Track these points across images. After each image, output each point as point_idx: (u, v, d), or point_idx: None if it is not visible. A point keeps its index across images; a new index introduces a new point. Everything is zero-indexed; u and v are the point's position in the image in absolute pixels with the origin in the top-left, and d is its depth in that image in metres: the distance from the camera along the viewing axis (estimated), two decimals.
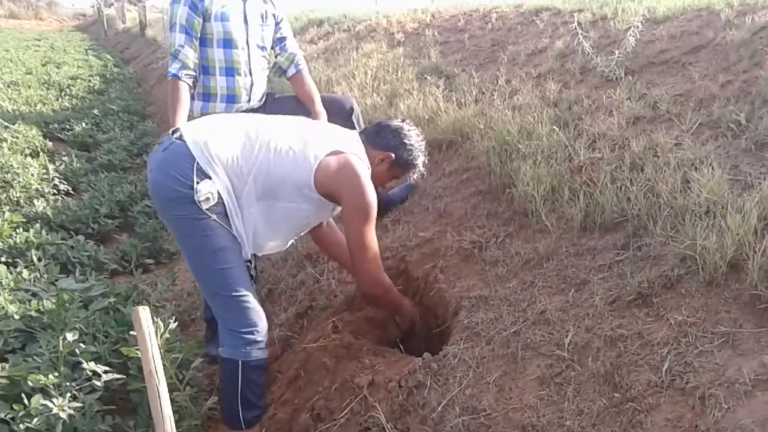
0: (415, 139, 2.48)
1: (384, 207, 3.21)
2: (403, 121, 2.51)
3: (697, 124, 2.74)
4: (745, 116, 2.64)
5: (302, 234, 2.53)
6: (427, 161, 2.60)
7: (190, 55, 2.76)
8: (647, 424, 1.74)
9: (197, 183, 2.05)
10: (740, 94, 2.84)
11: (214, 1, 2.78)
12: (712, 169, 2.36)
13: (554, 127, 3.03)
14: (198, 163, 2.08)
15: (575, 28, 3.92)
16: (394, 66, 5.06)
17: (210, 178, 2.09)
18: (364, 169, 2.27)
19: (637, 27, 3.58)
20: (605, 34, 4.06)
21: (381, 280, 2.39)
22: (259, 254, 2.43)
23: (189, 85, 2.75)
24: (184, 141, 2.12)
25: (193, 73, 2.77)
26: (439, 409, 2.09)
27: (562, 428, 1.86)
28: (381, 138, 2.44)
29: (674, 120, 2.86)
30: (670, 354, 1.88)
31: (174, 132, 2.19)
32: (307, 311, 3.00)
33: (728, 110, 2.72)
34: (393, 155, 2.42)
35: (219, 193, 2.10)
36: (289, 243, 2.47)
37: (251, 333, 2.15)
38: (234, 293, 2.14)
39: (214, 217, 2.10)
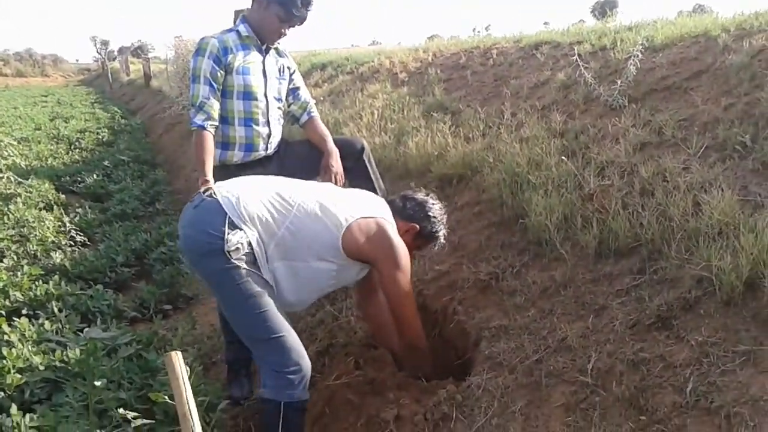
0: (438, 212, 2.62)
1: None
2: (427, 194, 2.65)
3: (703, 147, 2.79)
4: (750, 137, 2.70)
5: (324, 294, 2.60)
6: (447, 234, 2.72)
7: (215, 107, 2.84)
8: None
9: (227, 234, 2.11)
10: (743, 116, 2.90)
11: (237, 56, 2.89)
12: (722, 190, 2.40)
13: (563, 157, 3.09)
14: (230, 218, 2.15)
15: (576, 60, 4.02)
16: (399, 105, 5.15)
17: (241, 229, 2.15)
18: (392, 230, 2.39)
19: (637, 56, 3.67)
20: (606, 64, 4.15)
21: (423, 334, 2.53)
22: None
23: (213, 134, 2.83)
24: (215, 198, 2.21)
25: (217, 124, 2.85)
26: None
27: None
28: (407, 210, 2.56)
29: (680, 144, 2.92)
30: (693, 375, 1.90)
31: (205, 191, 2.27)
32: (327, 349, 3.02)
33: (733, 132, 2.77)
34: (418, 227, 2.54)
35: (249, 244, 2.17)
36: (309, 303, 2.54)
37: (294, 372, 2.18)
38: (273, 335, 2.18)
39: (244, 266, 2.16)
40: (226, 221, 2.14)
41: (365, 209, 2.38)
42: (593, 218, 2.67)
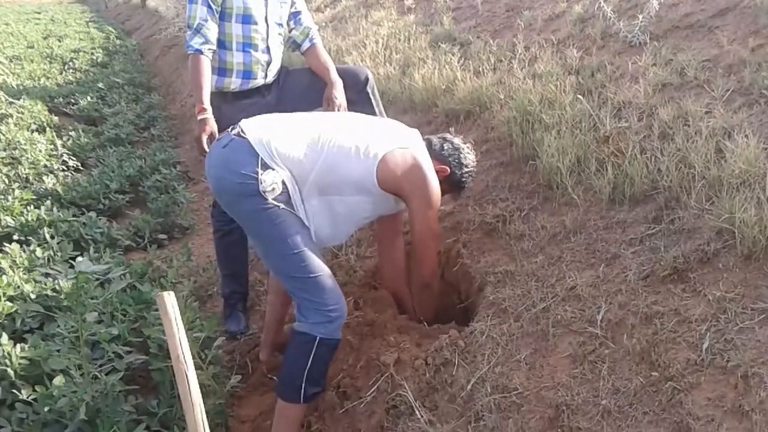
0: (471, 163, 2.52)
1: None
2: (464, 142, 2.54)
3: (728, 91, 2.64)
4: None
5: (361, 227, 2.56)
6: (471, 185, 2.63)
7: (213, 30, 2.68)
8: (688, 403, 1.70)
9: (261, 174, 2.05)
10: None
11: None
12: (747, 138, 2.27)
13: (578, 96, 2.94)
14: (262, 159, 2.08)
15: None
16: (405, 34, 4.93)
17: (273, 169, 2.08)
18: (427, 164, 2.29)
19: None
20: None
21: (438, 273, 2.49)
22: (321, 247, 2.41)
23: (210, 59, 2.67)
24: (245, 137, 2.12)
25: (214, 48, 2.70)
26: (469, 387, 2.06)
27: (597, 407, 1.82)
28: (443, 150, 2.46)
29: (703, 87, 2.77)
30: (709, 331, 1.83)
31: (232, 129, 2.18)
32: None
33: (760, 76, 2.62)
34: (449, 170, 2.44)
35: (284, 183, 2.10)
36: (348, 236, 2.49)
37: (333, 311, 2.14)
38: (311, 275, 2.12)
39: (281, 206, 2.09)
40: (258, 161, 2.07)
41: (400, 140, 2.29)
42: (608, 162, 2.55)
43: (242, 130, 2.16)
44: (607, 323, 2.02)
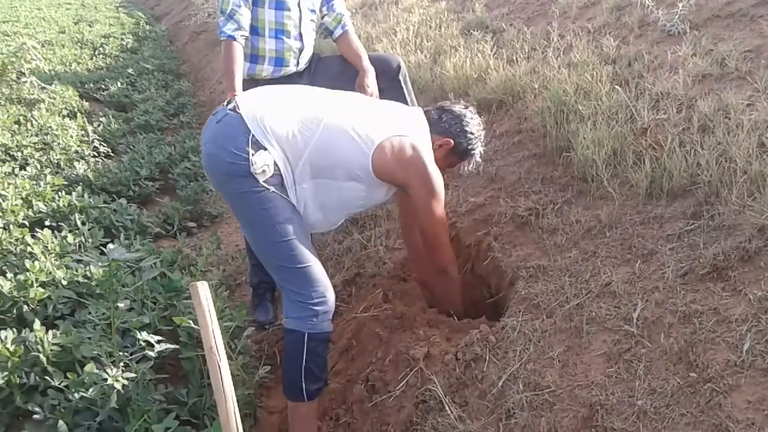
0: (476, 127, 2.41)
1: None
2: (465, 107, 2.43)
3: None
4: None
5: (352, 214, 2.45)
6: (483, 152, 2.52)
7: (246, 16, 2.66)
8: (727, 405, 1.66)
9: (252, 155, 1.98)
10: None
11: None
12: None
13: (616, 86, 2.86)
14: (253, 136, 2.01)
15: None
16: (437, 21, 4.86)
17: (265, 149, 2.02)
18: (427, 152, 2.22)
19: None
20: None
21: (454, 259, 2.40)
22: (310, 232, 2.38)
23: (243, 46, 2.65)
24: (239, 113, 2.06)
25: (247, 34, 2.68)
26: (500, 384, 2.03)
27: (633, 407, 1.78)
28: (443, 122, 2.37)
29: (745, 78, 2.68)
30: (750, 332, 1.77)
31: (228, 102, 2.12)
32: (354, 279, 2.94)
33: None
34: (452, 142, 2.35)
35: (276, 165, 2.04)
36: (338, 224, 2.41)
37: (318, 305, 2.09)
38: (299, 265, 2.08)
39: (272, 189, 2.04)
40: (250, 139, 2.00)
41: (399, 126, 2.20)
42: (646, 155, 2.48)
43: (237, 105, 2.09)
44: (644, 321, 1.97)
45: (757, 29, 2.99)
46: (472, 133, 2.39)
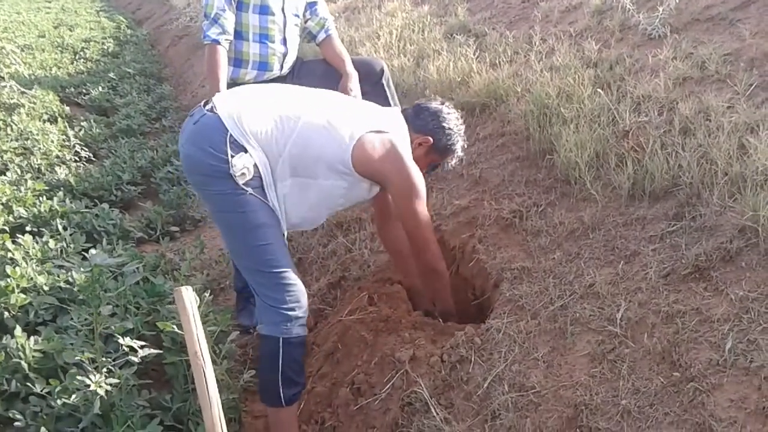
0: (454, 122, 2.39)
1: None
2: (442, 103, 2.42)
3: (751, 85, 2.58)
4: None
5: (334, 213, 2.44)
6: (466, 146, 2.50)
7: (230, 20, 2.66)
8: (710, 404, 1.67)
9: (231, 157, 1.97)
10: None
11: None
12: None
13: (598, 90, 2.89)
14: (231, 136, 1.99)
15: None
16: (419, 25, 4.88)
17: (245, 151, 2.00)
18: (406, 149, 2.21)
19: None
20: None
21: (441, 256, 2.38)
22: (287, 231, 2.36)
23: (227, 50, 2.64)
24: (216, 113, 2.04)
25: (231, 38, 2.67)
26: (485, 385, 2.04)
27: (617, 407, 1.79)
28: (420, 120, 2.35)
29: (725, 81, 2.71)
30: (731, 331, 1.80)
31: (205, 104, 2.10)
32: (339, 282, 2.94)
33: None
34: (431, 139, 2.34)
35: (255, 167, 2.02)
36: (321, 221, 2.40)
37: (292, 309, 2.08)
38: (274, 270, 2.07)
39: (250, 191, 2.03)
40: (228, 139, 1.98)
41: (378, 122, 2.19)
42: (628, 157, 2.51)
43: (214, 105, 2.07)
44: (627, 322, 1.98)
45: (735, 33, 3.04)
46: (450, 129, 2.37)
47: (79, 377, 2.02)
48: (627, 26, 3.51)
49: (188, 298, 1.53)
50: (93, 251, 2.86)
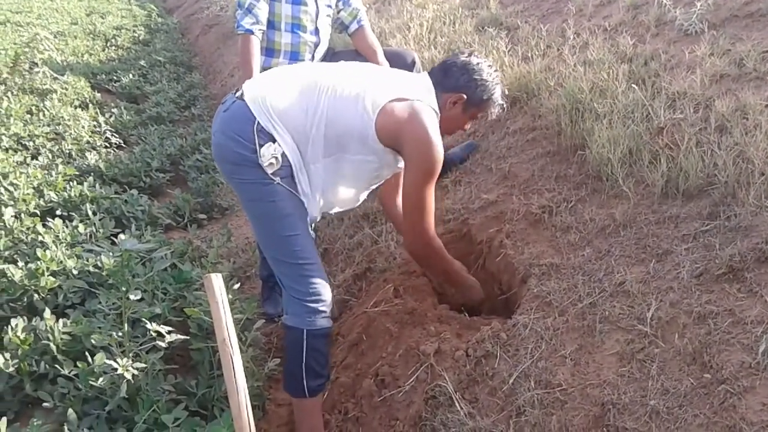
0: (486, 71, 2.24)
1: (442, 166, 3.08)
2: (470, 54, 2.28)
3: None
4: None
5: (374, 188, 2.38)
6: (506, 92, 2.37)
7: (264, 10, 2.67)
8: (741, 407, 1.64)
9: (260, 147, 1.97)
10: None
11: None
12: None
13: (632, 85, 2.84)
14: (258, 123, 1.99)
15: None
16: (450, 17, 4.84)
17: (273, 140, 2.00)
18: (432, 120, 2.08)
19: None
20: None
21: (428, 241, 2.22)
22: (331, 212, 2.35)
23: (260, 40, 2.65)
24: (244, 100, 2.04)
25: (264, 28, 2.68)
26: (510, 381, 2.02)
27: (645, 407, 1.76)
28: (449, 78, 2.21)
29: (763, 79, 2.65)
30: (765, 333, 1.76)
31: (236, 91, 2.11)
32: (365, 273, 2.93)
33: None
34: (464, 95, 2.21)
35: (284, 156, 2.02)
36: (361, 199, 2.35)
37: (316, 302, 2.08)
38: (300, 261, 2.07)
39: (278, 180, 2.02)
40: (255, 128, 1.98)
41: (403, 89, 2.10)
42: (662, 154, 2.46)
43: (243, 92, 2.07)
44: (658, 321, 1.95)
45: None
46: (483, 80, 2.23)
47: (106, 360, 2.05)
48: (663, 21, 3.44)
49: (218, 285, 1.53)
50: (122, 236, 2.89)
